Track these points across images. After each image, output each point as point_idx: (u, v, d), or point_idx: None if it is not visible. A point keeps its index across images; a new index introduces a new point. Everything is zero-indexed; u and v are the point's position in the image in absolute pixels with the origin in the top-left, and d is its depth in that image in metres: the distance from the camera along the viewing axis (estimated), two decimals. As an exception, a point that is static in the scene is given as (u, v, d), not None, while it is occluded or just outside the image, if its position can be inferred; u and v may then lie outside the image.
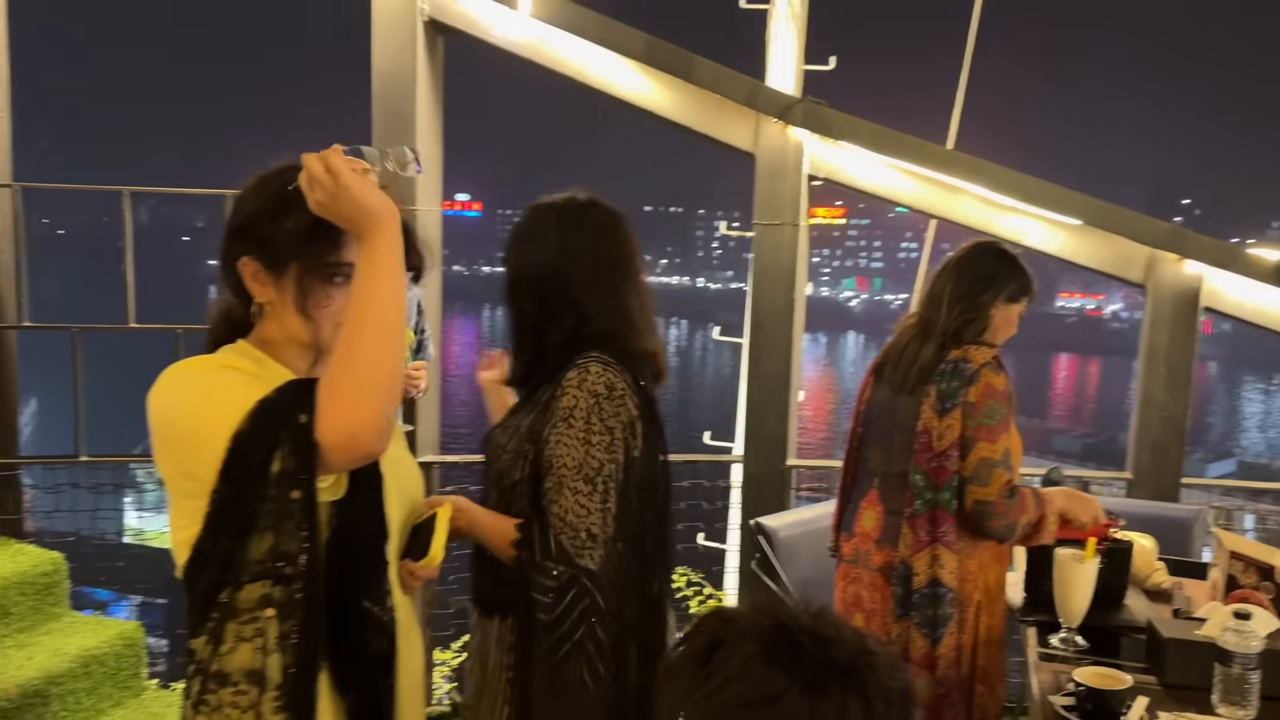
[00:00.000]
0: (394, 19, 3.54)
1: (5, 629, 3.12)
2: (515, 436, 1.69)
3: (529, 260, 1.71)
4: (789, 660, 0.90)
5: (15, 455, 3.77)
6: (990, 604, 2.40)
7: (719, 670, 0.91)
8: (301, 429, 1.21)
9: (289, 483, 1.23)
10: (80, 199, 57.40)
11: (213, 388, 1.28)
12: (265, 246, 1.32)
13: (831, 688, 0.89)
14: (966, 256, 2.46)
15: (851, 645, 0.93)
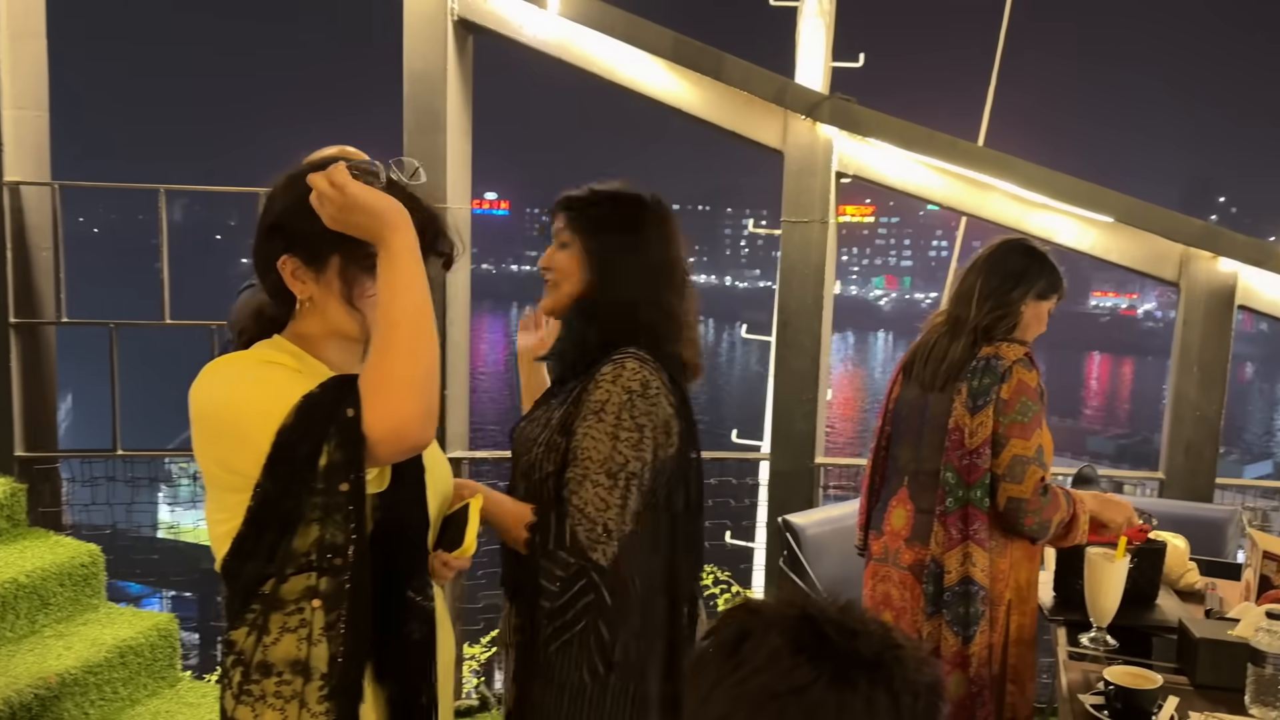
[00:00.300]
0: (424, 19, 3.57)
1: (45, 619, 3.18)
2: (546, 429, 1.70)
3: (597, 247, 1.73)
4: (816, 652, 0.90)
5: (54, 448, 3.85)
6: (1021, 603, 2.38)
7: (746, 661, 0.91)
8: (349, 422, 1.24)
9: (337, 475, 1.25)
10: (114, 197, 58.28)
11: (256, 382, 1.30)
12: (303, 243, 1.33)
13: (858, 680, 0.89)
14: (995, 253, 2.45)
15: (878, 638, 0.93)
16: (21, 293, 3.67)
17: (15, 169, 3.62)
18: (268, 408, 1.26)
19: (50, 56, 3.71)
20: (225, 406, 1.30)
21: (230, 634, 1.35)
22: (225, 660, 1.36)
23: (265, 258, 1.36)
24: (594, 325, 1.70)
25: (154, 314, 3.77)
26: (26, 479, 3.61)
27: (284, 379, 1.29)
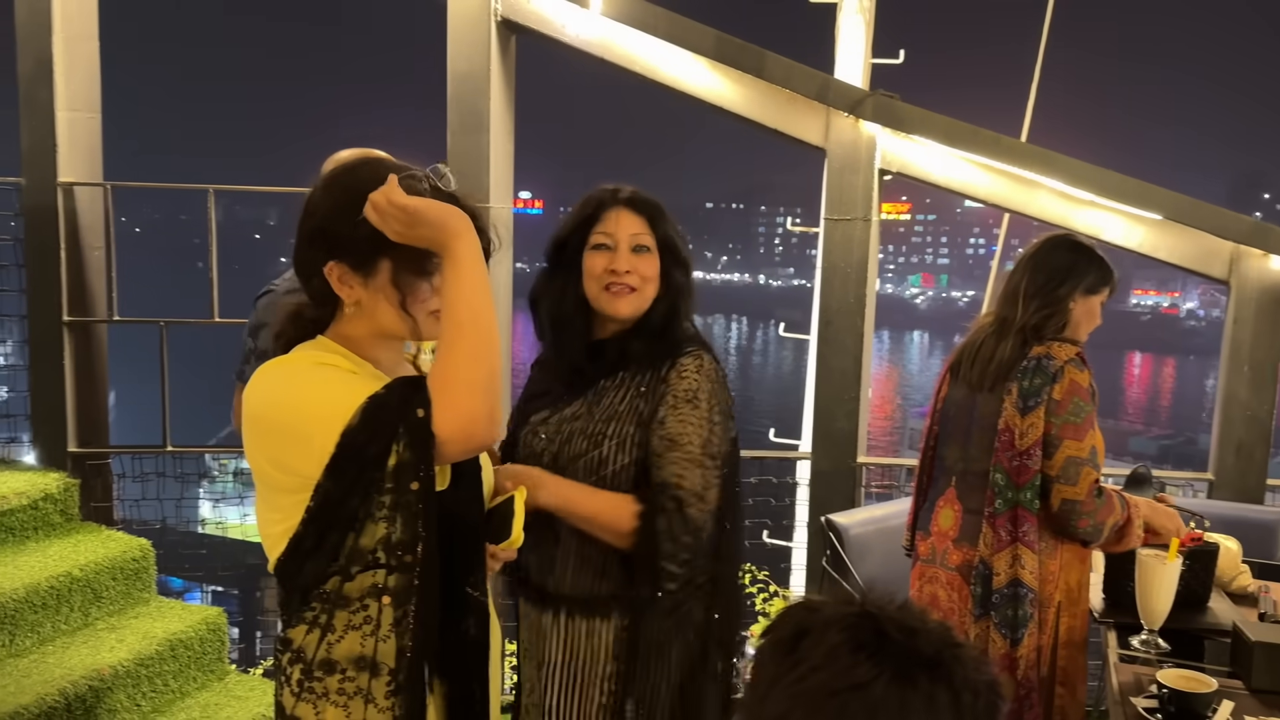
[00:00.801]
0: (468, 20, 3.59)
1: (98, 612, 3.24)
2: (612, 423, 1.71)
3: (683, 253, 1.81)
4: (876, 649, 0.90)
5: (106, 444, 3.92)
6: (1071, 605, 2.35)
7: (805, 658, 0.91)
8: (419, 423, 1.25)
9: (408, 474, 1.26)
10: (158, 197, 59.12)
11: (316, 384, 1.31)
12: (350, 248, 1.33)
13: (919, 678, 0.89)
14: (1040, 251, 2.42)
15: (938, 636, 0.93)
16: (74, 291, 3.75)
17: (69, 170, 3.69)
18: (330, 409, 1.27)
19: (103, 57, 3.78)
20: (285, 408, 1.30)
21: (287, 632, 1.36)
22: (281, 659, 1.37)
23: (309, 263, 1.36)
24: (674, 325, 1.77)
25: (197, 312, 3.83)
26: (79, 474, 3.68)
27: (342, 380, 1.30)
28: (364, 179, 1.32)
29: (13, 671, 2.86)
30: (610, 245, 1.74)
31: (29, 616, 3.01)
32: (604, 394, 1.75)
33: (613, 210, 1.76)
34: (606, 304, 1.74)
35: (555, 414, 1.77)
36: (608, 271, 1.73)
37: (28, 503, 3.35)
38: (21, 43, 3.61)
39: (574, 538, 1.73)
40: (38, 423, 3.79)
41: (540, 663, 1.78)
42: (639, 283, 1.74)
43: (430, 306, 1.37)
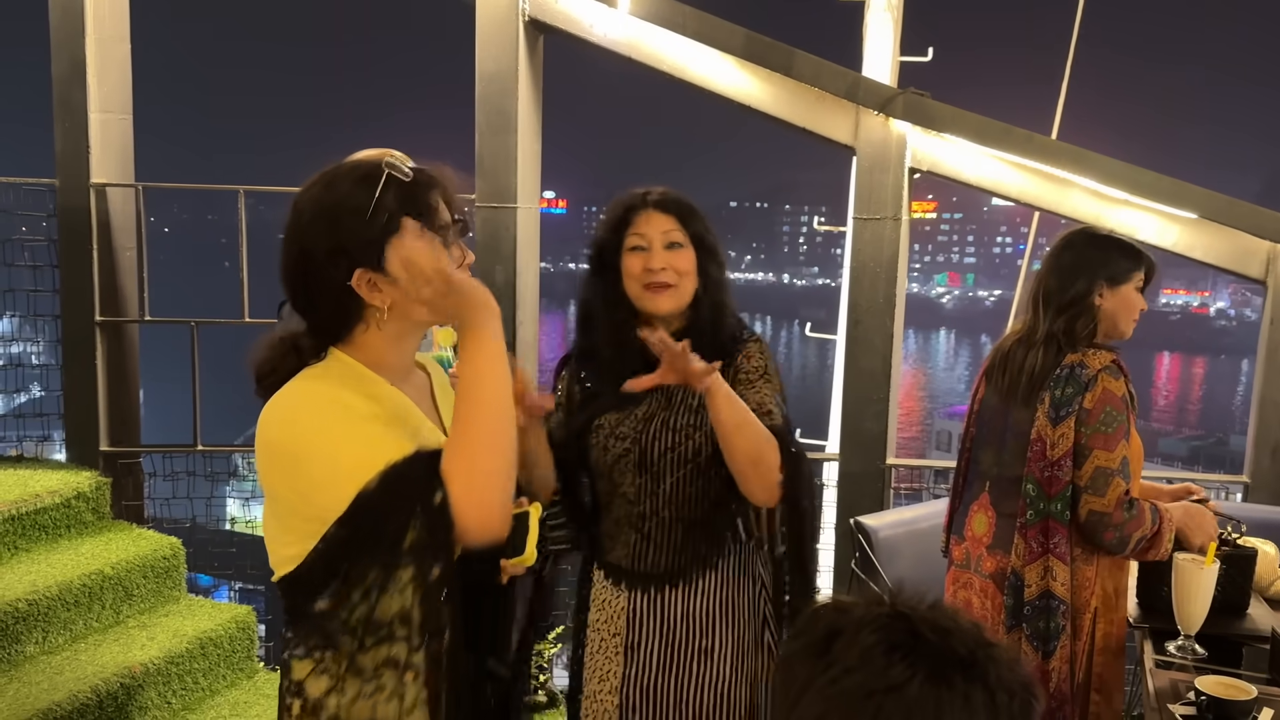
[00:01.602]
0: (496, 20, 3.59)
1: (129, 610, 3.27)
2: (698, 413, 1.81)
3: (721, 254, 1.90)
4: (910, 650, 0.89)
5: (137, 443, 3.96)
6: (1108, 611, 2.30)
7: (838, 660, 0.90)
8: (439, 509, 1.22)
9: (428, 557, 1.23)
10: (185, 197, 59.75)
11: (336, 429, 1.26)
12: (369, 251, 1.28)
13: (955, 678, 0.88)
14: (1052, 253, 2.35)
15: (972, 636, 0.92)
16: (106, 292, 3.79)
17: (101, 171, 3.73)
18: (349, 464, 1.24)
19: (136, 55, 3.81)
20: (304, 446, 1.27)
21: (292, 661, 1.32)
22: (282, 684, 1.35)
23: (329, 285, 1.30)
24: (723, 318, 1.87)
25: (226, 312, 3.86)
26: (110, 473, 3.72)
27: (362, 430, 1.26)
28: (356, 176, 1.31)
29: (45, 668, 2.89)
30: (645, 245, 1.82)
31: (61, 614, 3.04)
32: (673, 391, 1.84)
33: (643, 212, 1.83)
34: (648, 302, 1.81)
35: (628, 414, 1.85)
36: (645, 270, 1.80)
37: (60, 501, 3.38)
38: (55, 46, 3.66)
39: (664, 530, 1.86)
40: (70, 421, 3.84)
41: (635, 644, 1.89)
42: (675, 278, 1.81)
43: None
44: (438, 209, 1.32)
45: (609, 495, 1.88)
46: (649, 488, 1.84)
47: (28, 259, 3.85)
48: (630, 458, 1.84)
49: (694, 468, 1.83)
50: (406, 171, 1.31)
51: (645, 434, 1.83)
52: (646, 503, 1.85)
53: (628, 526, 1.87)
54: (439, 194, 1.34)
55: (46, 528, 3.34)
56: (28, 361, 4.18)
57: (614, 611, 1.91)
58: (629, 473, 1.84)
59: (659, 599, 1.88)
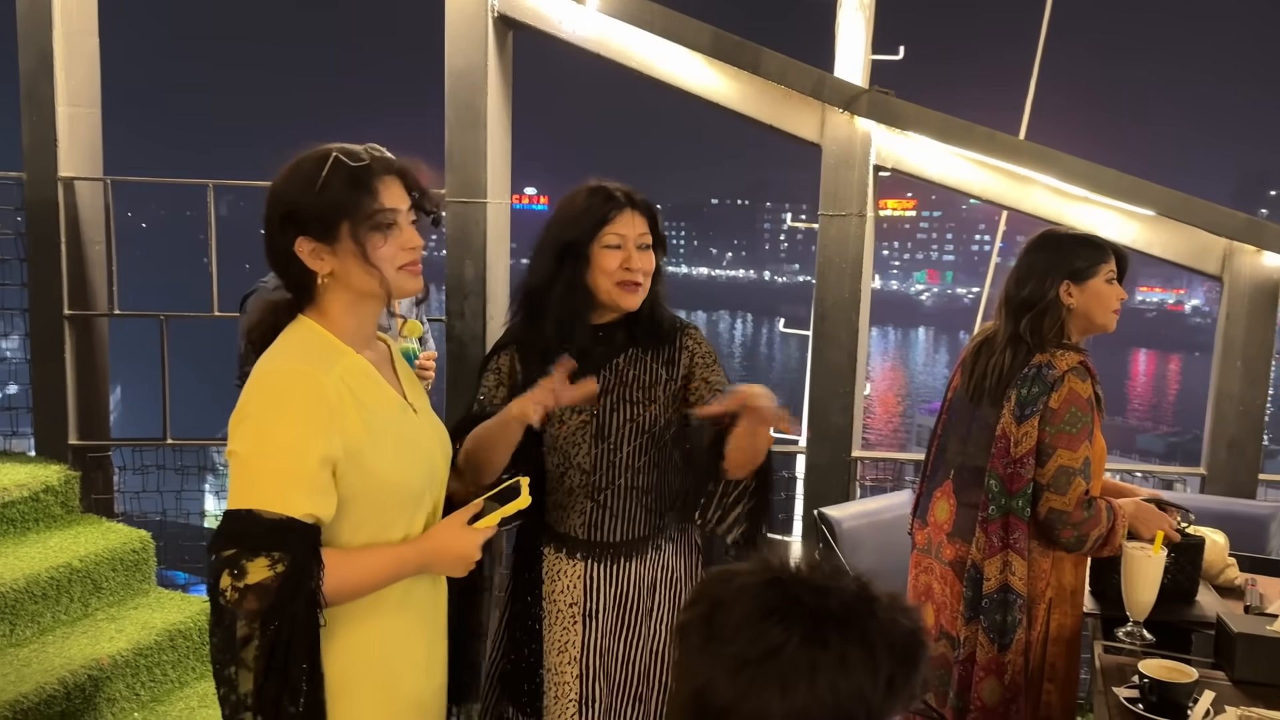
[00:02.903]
0: (465, 16, 3.61)
1: (98, 603, 3.28)
2: (651, 388, 1.95)
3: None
4: (786, 614, 0.91)
5: (106, 437, 3.95)
6: (1062, 602, 2.34)
7: (718, 631, 0.93)
8: (312, 594, 1.39)
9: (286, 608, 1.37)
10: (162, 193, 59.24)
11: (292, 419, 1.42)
12: (314, 221, 1.45)
13: (830, 637, 0.90)
14: (1016, 261, 2.39)
15: (851, 592, 0.94)
16: (75, 286, 3.78)
17: (69, 165, 3.72)
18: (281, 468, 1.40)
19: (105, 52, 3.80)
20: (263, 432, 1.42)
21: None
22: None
23: (282, 249, 1.48)
24: (661, 307, 2.01)
25: (202, 307, 3.86)
26: (79, 467, 3.71)
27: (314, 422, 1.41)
28: (312, 159, 1.47)
29: (13, 661, 2.89)
30: (621, 245, 1.91)
31: (29, 607, 3.04)
32: (621, 369, 1.96)
33: (625, 212, 1.92)
34: (619, 298, 1.92)
35: (574, 408, 1.92)
36: (623, 269, 1.91)
37: (28, 495, 3.38)
38: (23, 38, 3.65)
39: (619, 498, 1.97)
40: (39, 415, 3.83)
41: (591, 612, 1.98)
42: (644, 278, 1.93)
43: (397, 261, 1.49)
44: (380, 194, 1.46)
45: (562, 468, 1.96)
46: (606, 457, 1.94)
47: (-5, 253, 3.84)
48: (588, 429, 1.93)
49: (650, 437, 1.96)
50: (360, 156, 1.46)
51: (603, 407, 1.94)
52: (603, 474, 1.95)
53: (583, 497, 1.96)
54: (391, 181, 1.49)
55: (14, 521, 3.34)
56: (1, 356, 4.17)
57: (570, 581, 1.99)
58: (584, 443, 1.94)
59: (614, 567, 1.99)
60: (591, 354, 1.93)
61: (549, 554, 2.00)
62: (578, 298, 1.91)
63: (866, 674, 0.91)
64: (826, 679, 0.90)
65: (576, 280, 1.91)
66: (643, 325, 1.99)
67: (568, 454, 1.95)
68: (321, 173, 1.44)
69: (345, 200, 1.44)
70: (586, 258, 1.90)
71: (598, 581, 1.99)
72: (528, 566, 2.02)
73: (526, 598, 2.02)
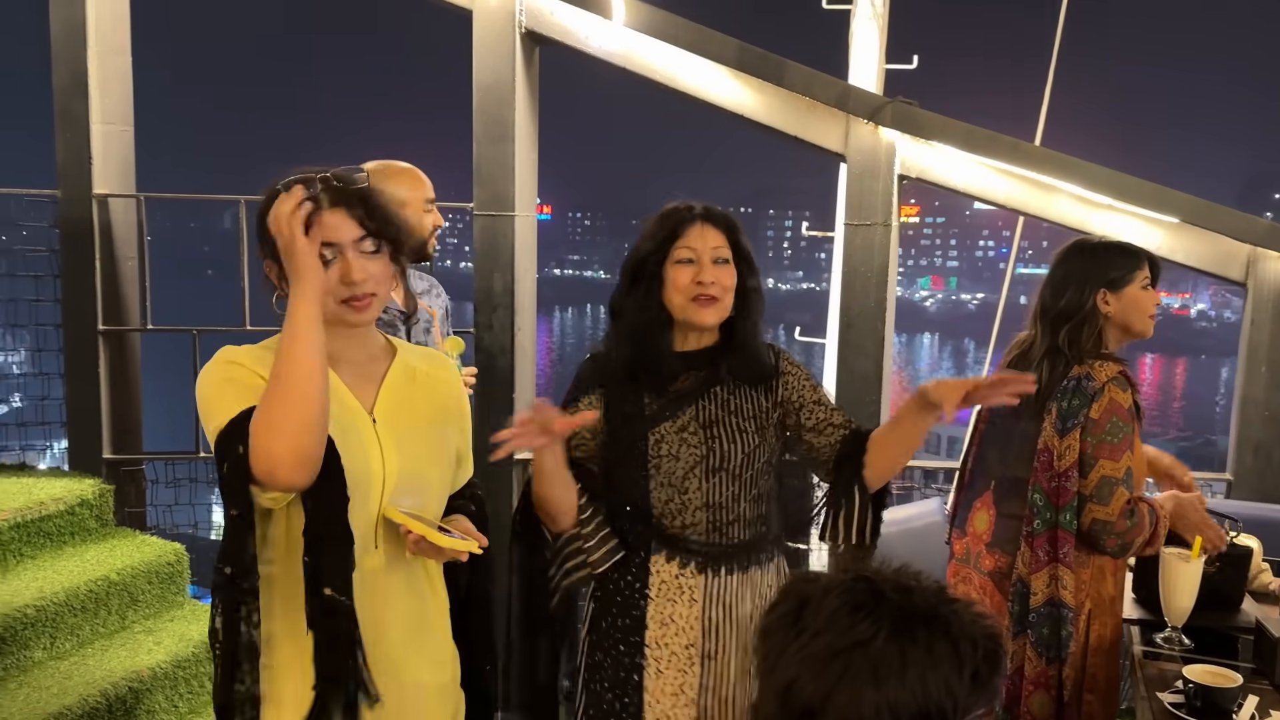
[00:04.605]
0: (494, 32, 3.65)
1: (134, 615, 3.30)
2: (755, 418, 1.91)
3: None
4: (873, 609, 0.95)
5: (140, 451, 3.99)
6: (1101, 612, 2.35)
7: (808, 625, 0.96)
8: (240, 459, 1.43)
9: (230, 502, 1.46)
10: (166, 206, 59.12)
11: (215, 393, 1.51)
12: (270, 246, 1.52)
13: (917, 631, 0.94)
14: (1050, 267, 2.40)
15: (933, 593, 0.98)
16: (109, 301, 3.82)
17: (103, 182, 3.77)
18: (211, 413, 1.49)
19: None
20: (198, 400, 1.53)
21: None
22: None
23: (262, 267, 1.60)
24: (759, 332, 1.96)
25: (214, 318, 3.90)
26: (113, 480, 3.74)
27: (229, 394, 1.49)
28: (271, 188, 1.53)
29: (54, 673, 2.92)
30: (694, 259, 1.85)
31: (69, 620, 3.07)
32: (724, 399, 1.90)
33: (695, 225, 1.86)
34: (693, 314, 1.85)
35: (681, 420, 1.87)
36: (694, 283, 1.84)
37: (65, 508, 3.41)
38: (57, 58, 3.69)
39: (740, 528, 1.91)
40: (73, 430, 3.87)
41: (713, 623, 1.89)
42: (721, 292, 1.85)
43: (337, 295, 1.53)
44: (322, 224, 1.50)
45: (676, 504, 1.88)
46: (722, 488, 1.88)
47: (30, 269, 3.89)
48: (704, 464, 1.86)
49: (764, 466, 1.91)
50: (312, 184, 1.51)
51: (712, 437, 1.87)
52: (718, 507, 1.88)
53: (701, 526, 1.88)
54: (334, 214, 1.53)
55: (51, 535, 3.37)
56: (9, 371, 4.21)
57: (686, 623, 1.89)
58: (698, 477, 1.87)
59: (730, 593, 1.90)
60: (682, 380, 1.88)
61: (663, 573, 1.89)
62: (654, 317, 1.86)
63: (953, 668, 0.94)
64: (916, 671, 0.93)
65: (651, 298, 1.86)
66: (739, 354, 1.92)
67: (682, 489, 1.87)
68: (270, 199, 1.51)
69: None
70: (659, 275, 1.86)
71: (717, 621, 1.90)
72: (625, 608, 1.91)
73: (620, 646, 1.91)
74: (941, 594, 0.99)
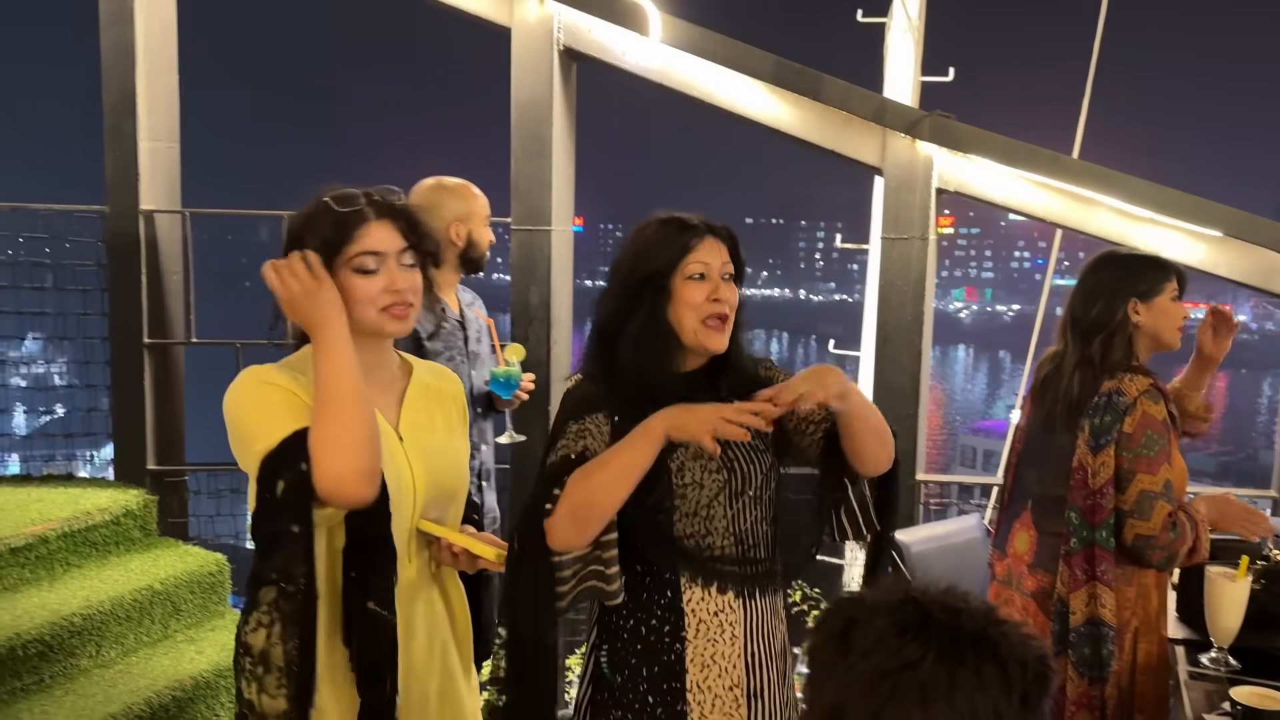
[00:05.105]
0: (532, 49, 3.69)
1: (177, 624, 3.35)
2: (763, 436, 1.80)
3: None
4: (921, 630, 0.94)
5: (183, 462, 4.05)
6: (1148, 631, 2.32)
7: (855, 646, 0.96)
8: (302, 475, 1.48)
9: (289, 519, 1.49)
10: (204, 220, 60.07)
11: (254, 405, 1.56)
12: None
13: (966, 653, 0.93)
14: (1079, 278, 2.39)
15: (982, 615, 0.97)
16: (154, 314, 3.89)
17: (149, 198, 3.84)
18: (258, 436, 1.52)
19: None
20: (233, 422, 1.57)
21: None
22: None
23: None
24: (743, 343, 1.84)
25: (251, 332, 3.94)
26: (157, 490, 3.80)
27: (273, 407, 1.53)
28: (315, 199, 1.60)
29: (100, 681, 2.97)
30: (707, 275, 1.73)
31: (114, 628, 3.12)
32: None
33: (706, 239, 1.74)
34: (704, 337, 1.73)
35: (694, 446, 1.70)
36: (710, 301, 1.71)
37: (110, 519, 3.47)
38: (107, 77, 3.78)
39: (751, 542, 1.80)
40: (119, 440, 3.94)
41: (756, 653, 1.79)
42: (730, 311, 1.75)
43: (378, 303, 1.59)
44: (363, 238, 1.58)
45: (702, 533, 1.75)
46: (745, 513, 1.77)
47: (78, 283, 3.97)
48: (729, 488, 1.75)
49: (775, 491, 1.83)
50: (354, 201, 1.59)
51: (736, 460, 1.76)
52: (744, 533, 1.77)
53: (725, 557, 1.76)
54: (382, 225, 1.59)
55: (97, 544, 3.43)
56: (52, 382, 4.29)
57: (729, 662, 1.76)
58: (723, 504, 1.74)
59: (766, 623, 1.80)
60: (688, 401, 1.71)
61: (700, 598, 1.75)
62: (660, 337, 1.72)
63: (1001, 691, 0.94)
64: (964, 693, 0.92)
65: (656, 317, 1.71)
66: (735, 372, 1.80)
67: (706, 516, 1.73)
68: (317, 214, 1.58)
69: (329, 242, 1.56)
70: (667, 291, 1.70)
71: (760, 659, 1.79)
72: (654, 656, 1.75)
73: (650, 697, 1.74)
74: (990, 615, 0.98)
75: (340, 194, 1.58)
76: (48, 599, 3.07)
